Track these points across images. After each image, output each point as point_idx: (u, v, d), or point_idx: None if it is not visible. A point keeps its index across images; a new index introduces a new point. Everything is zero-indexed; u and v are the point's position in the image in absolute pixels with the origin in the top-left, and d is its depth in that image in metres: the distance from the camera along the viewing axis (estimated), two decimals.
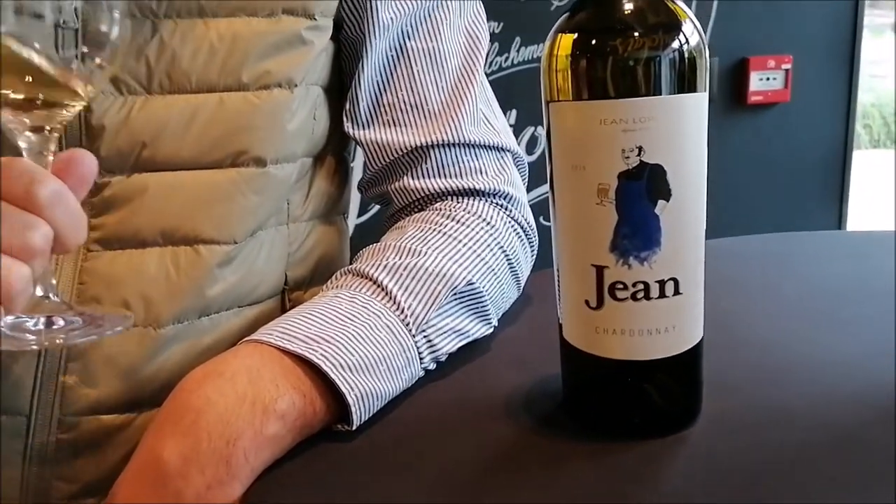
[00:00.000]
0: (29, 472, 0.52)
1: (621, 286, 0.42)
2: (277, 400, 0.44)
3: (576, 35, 0.41)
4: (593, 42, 0.41)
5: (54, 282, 0.43)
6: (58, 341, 0.42)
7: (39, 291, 0.41)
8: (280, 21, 0.54)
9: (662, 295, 0.42)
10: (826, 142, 1.96)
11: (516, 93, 1.61)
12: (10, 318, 0.40)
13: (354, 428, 0.46)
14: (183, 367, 0.53)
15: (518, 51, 1.66)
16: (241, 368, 0.45)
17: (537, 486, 0.41)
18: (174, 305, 0.53)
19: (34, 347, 0.44)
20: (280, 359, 0.46)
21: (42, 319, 0.41)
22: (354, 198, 1.03)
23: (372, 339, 0.48)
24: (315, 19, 0.55)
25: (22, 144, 0.41)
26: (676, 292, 0.42)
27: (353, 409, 0.46)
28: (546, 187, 0.45)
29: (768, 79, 1.85)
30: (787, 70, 1.85)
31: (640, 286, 0.41)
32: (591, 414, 0.46)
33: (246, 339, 0.48)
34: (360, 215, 1.58)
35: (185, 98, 0.52)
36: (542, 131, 1.50)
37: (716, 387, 0.46)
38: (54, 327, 0.41)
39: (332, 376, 0.45)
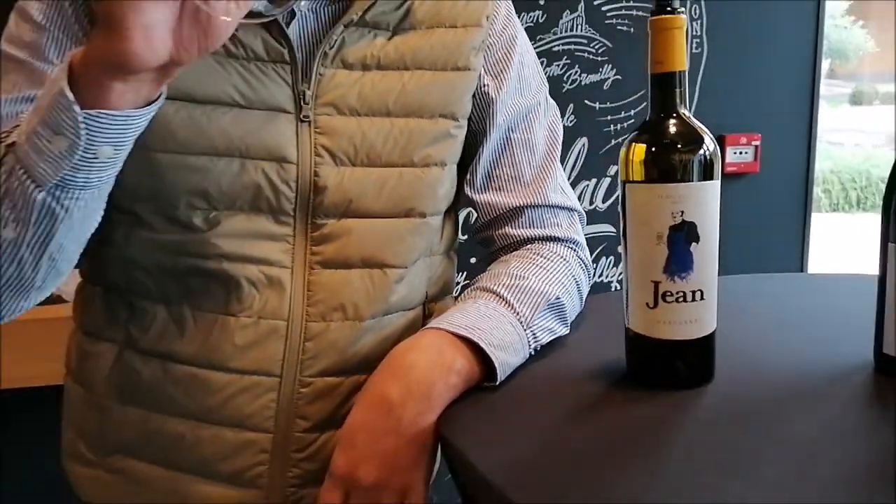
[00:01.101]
0: (278, 416, 0.77)
1: (669, 294, 0.68)
2: (454, 363, 0.70)
3: (643, 145, 0.68)
4: (654, 150, 0.68)
5: None
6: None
7: None
8: (437, 122, 0.80)
9: (693, 300, 0.68)
10: (789, 206, 2.25)
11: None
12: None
13: (497, 383, 0.72)
14: (374, 349, 0.79)
15: None
16: (430, 344, 0.71)
17: (612, 416, 0.67)
18: (370, 308, 0.79)
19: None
20: (452, 339, 0.71)
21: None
22: None
23: (503, 329, 0.74)
24: (458, 121, 0.82)
25: None
26: (702, 298, 0.68)
27: (498, 371, 0.71)
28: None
29: (741, 153, 2.13)
30: (756, 146, 2.14)
31: (680, 294, 0.68)
32: (647, 375, 0.72)
33: (427, 326, 0.74)
34: None
35: (378, 171, 0.78)
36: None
37: (722, 359, 0.73)
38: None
39: (487, 351, 0.71)
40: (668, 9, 0.69)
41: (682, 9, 0.70)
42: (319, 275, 0.77)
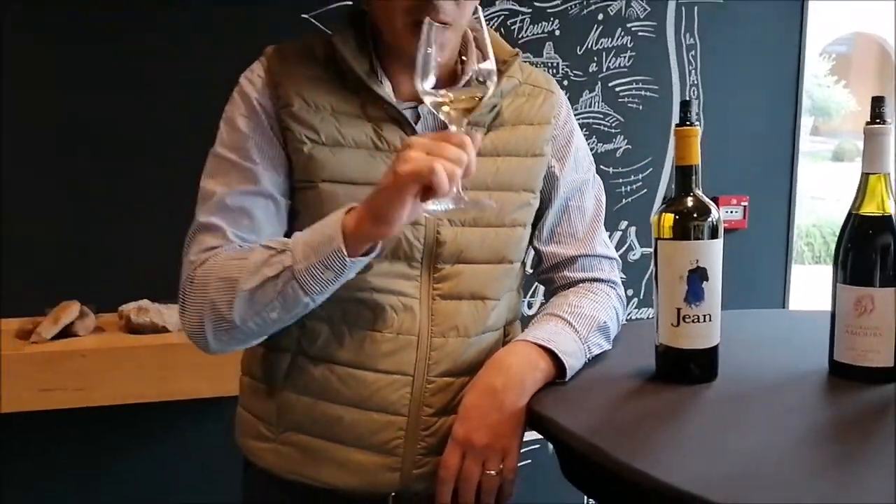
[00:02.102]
0: (411, 404, 1.06)
1: (687, 317, 0.98)
2: (538, 364, 0.99)
3: (671, 214, 0.99)
4: (677, 218, 0.98)
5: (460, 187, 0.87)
6: (461, 205, 0.87)
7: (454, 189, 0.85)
8: (521, 195, 1.10)
9: (704, 321, 0.98)
10: (773, 257, 2.57)
11: None
12: (437, 205, 0.87)
13: (566, 380, 1.02)
14: (476, 357, 1.07)
15: None
16: (521, 351, 1.00)
17: (647, 400, 0.96)
18: (475, 328, 1.08)
19: (450, 207, 0.87)
20: (536, 348, 1.00)
21: (450, 203, 0.87)
22: None
23: (569, 342, 1.04)
24: (535, 193, 1.13)
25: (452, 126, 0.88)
26: (710, 320, 0.98)
27: (568, 373, 1.01)
28: None
29: (731, 212, 2.43)
30: (745, 206, 2.45)
31: (695, 317, 0.98)
32: (671, 373, 1.01)
33: (517, 339, 1.03)
34: None
35: (481, 230, 1.07)
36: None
37: (722, 363, 1.02)
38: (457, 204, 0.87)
39: (560, 356, 1.00)
40: (688, 122, 0.99)
41: (698, 122, 1.01)
42: (439, 304, 1.07)
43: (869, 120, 0.97)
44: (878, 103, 0.96)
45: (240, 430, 1.14)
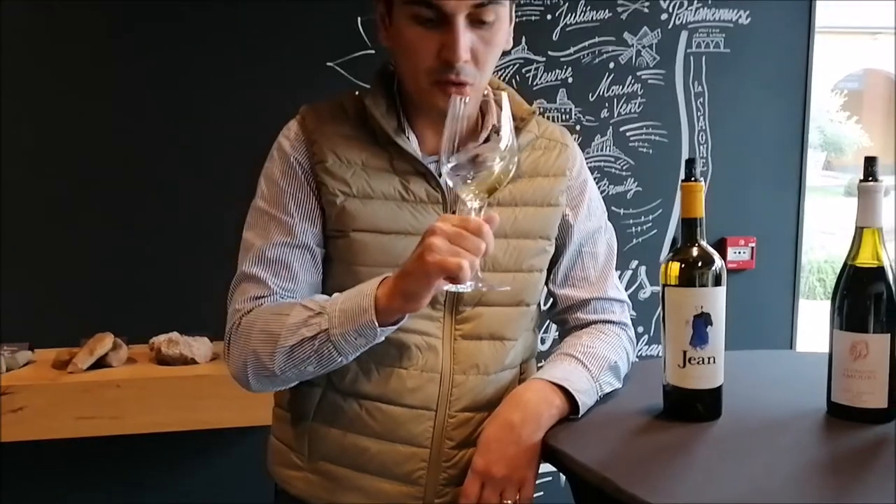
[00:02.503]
0: (433, 436, 1.12)
1: (693, 359, 1.04)
2: (554, 401, 1.06)
3: (677, 263, 1.06)
4: (683, 267, 1.05)
5: (478, 271, 0.94)
6: (479, 285, 0.94)
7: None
8: (538, 242, 1.17)
9: (708, 363, 1.04)
10: (780, 298, 2.62)
11: None
12: (457, 287, 0.93)
13: (579, 416, 1.08)
14: (495, 394, 1.13)
15: None
16: (538, 388, 1.07)
17: (656, 435, 1.02)
18: (494, 366, 1.14)
19: (468, 290, 0.95)
20: (552, 386, 1.07)
21: (470, 283, 0.93)
22: None
23: (582, 381, 1.10)
24: (550, 240, 1.20)
25: (471, 206, 0.95)
26: (714, 362, 1.05)
27: (581, 409, 1.07)
28: None
29: (739, 252, 2.50)
30: (752, 247, 2.51)
31: (700, 359, 1.04)
32: (678, 412, 1.07)
33: (534, 377, 1.10)
34: None
35: (500, 275, 1.14)
36: None
37: (725, 400, 1.08)
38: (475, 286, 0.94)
39: (574, 394, 1.06)
40: (693, 178, 1.07)
41: (702, 179, 1.08)
42: (460, 343, 1.13)
43: (862, 178, 1.03)
44: (870, 163, 1.03)
45: (272, 458, 1.21)
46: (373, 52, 2.23)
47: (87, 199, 2.15)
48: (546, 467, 1.04)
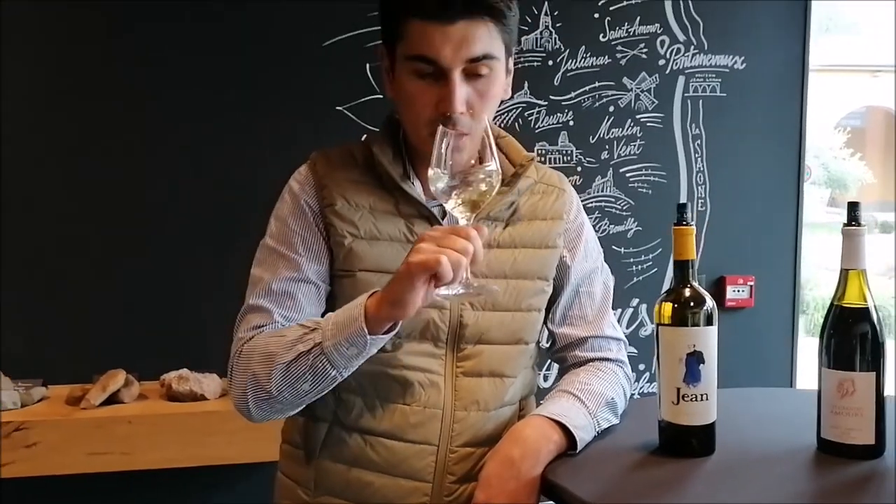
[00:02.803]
0: (436, 471, 1.15)
1: (686, 396, 1.07)
2: (552, 436, 1.09)
3: (670, 304, 1.09)
4: (676, 307, 1.09)
5: (464, 273, 0.98)
6: (469, 290, 0.99)
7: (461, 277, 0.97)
8: (536, 282, 1.21)
9: (701, 400, 1.07)
10: (780, 335, 2.65)
11: None
12: (448, 290, 0.99)
13: (577, 452, 1.11)
14: (495, 429, 1.16)
15: None
16: (537, 424, 1.10)
17: (651, 471, 1.05)
18: (494, 403, 1.18)
19: (458, 292, 1.00)
20: (550, 422, 1.10)
21: (459, 287, 0.99)
22: None
23: (580, 417, 1.13)
24: (548, 281, 1.24)
25: (462, 220, 1.01)
26: (707, 399, 1.08)
27: (578, 445, 1.10)
28: None
29: (738, 291, 2.54)
30: (751, 286, 2.56)
31: (693, 395, 1.07)
32: (672, 447, 1.10)
33: (533, 413, 1.13)
34: None
35: (500, 314, 1.18)
36: None
37: (720, 437, 1.11)
38: (466, 290, 1.00)
39: (572, 430, 1.09)
40: (684, 222, 1.11)
41: (693, 223, 1.13)
42: (461, 381, 1.17)
43: (846, 222, 1.07)
44: (853, 208, 1.07)
45: (279, 493, 1.24)
46: (380, 96, 2.30)
47: (99, 242, 2.21)
48: (546, 502, 1.07)
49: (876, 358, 1.06)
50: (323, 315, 1.15)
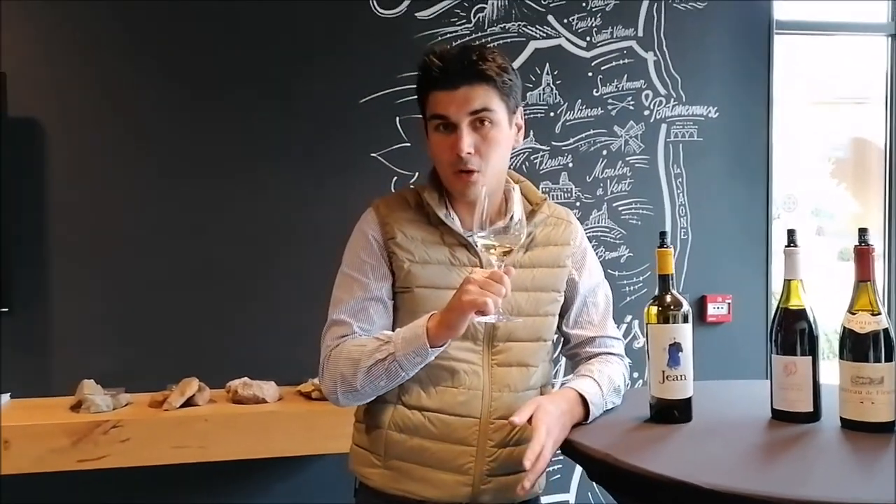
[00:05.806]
0: (479, 438, 1.43)
1: (669, 376, 1.37)
2: (574, 407, 1.38)
3: (656, 307, 1.40)
4: (659, 310, 1.39)
5: (500, 308, 1.30)
6: (501, 318, 1.31)
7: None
8: (551, 294, 1.50)
9: (681, 379, 1.37)
10: (755, 348, 2.91)
11: None
12: (485, 318, 1.30)
13: (589, 422, 1.40)
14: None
15: None
16: (565, 397, 1.38)
17: (645, 431, 1.35)
18: (522, 385, 1.47)
19: (493, 321, 1.34)
20: (575, 394, 1.39)
21: (494, 317, 1.30)
22: None
23: (597, 397, 1.42)
24: (560, 293, 1.54)
25: (495, 264, 1.33)
26: (685, 379, 1.38)
27: (590, 417, 1.39)
28: None
29: (718, 308, 2.81)
30: (729, 303, 2.83)
31: (675, 376, 1.36)
32: (660, 416, 1.40)
33: (566, 386, 1.42)
34: None
35: (523, 318, 1.46)
36: None
37: (697, 410, 1.41)
38: (497, 319, 1.33)
39: (591, 407, 1.38)
40: (664, 245, 1.42)
41: (671, 245, 1.44)
42: (495, 369, 1.46)
43: (786, 244, 1.38)
44: (791, 234, 1.38)
45: (354, 460, 1.53)
46: (408, 144, 2.61)
47: (176, 275, 2.51)
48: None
49: (812, 346, 1.36)
50: (392, 325, 1.45)
